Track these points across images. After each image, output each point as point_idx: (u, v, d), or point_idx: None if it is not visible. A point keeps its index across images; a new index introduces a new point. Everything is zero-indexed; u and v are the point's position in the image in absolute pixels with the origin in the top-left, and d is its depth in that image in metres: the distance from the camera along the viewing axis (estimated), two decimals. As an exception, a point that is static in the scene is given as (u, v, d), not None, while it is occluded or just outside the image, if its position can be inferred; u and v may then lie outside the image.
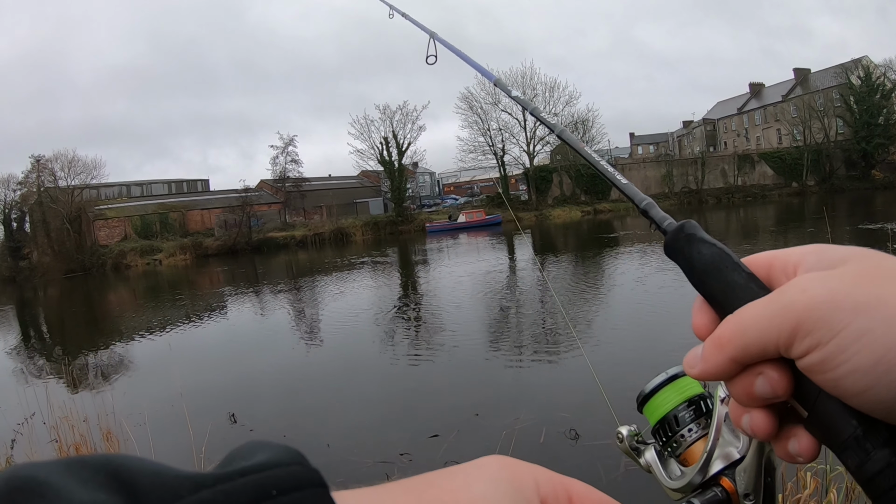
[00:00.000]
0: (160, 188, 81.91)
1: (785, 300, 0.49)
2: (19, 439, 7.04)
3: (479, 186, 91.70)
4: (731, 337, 0.51)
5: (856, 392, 0.46)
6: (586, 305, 17.13)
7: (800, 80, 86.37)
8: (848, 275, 0.48)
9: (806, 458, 0.53)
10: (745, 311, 0.51)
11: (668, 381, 0.74)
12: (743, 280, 0.55)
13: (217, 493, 0.32)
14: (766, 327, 0.49)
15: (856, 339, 0.45)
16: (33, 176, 65.96)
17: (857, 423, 0.47)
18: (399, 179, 70.41)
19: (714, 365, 0.52)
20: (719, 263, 0.56)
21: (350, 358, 13.72)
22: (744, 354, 0.50)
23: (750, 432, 0.54)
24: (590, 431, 7.65)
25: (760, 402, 0.52)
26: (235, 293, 30.73)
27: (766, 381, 0.50)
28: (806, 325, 0.47)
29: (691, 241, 0.59)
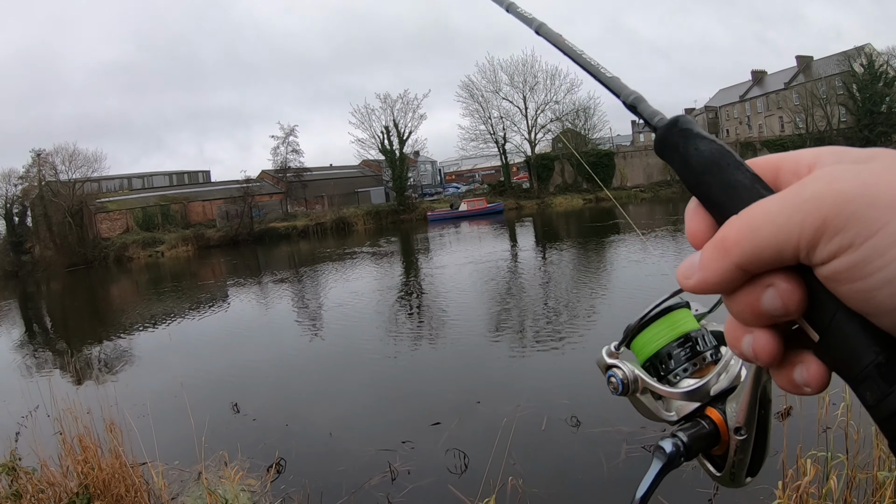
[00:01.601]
0: (161, 180, 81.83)
1: (808, 192, 0.41)
2: (24, 431, 7.07)
3: (480, 175, 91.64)
4: (738, 238, 0.43)
5: (891, 307, 0.39)
6: (588, 291, 17.13)
7: (802, 67, 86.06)
8: (879, 169, 0.40)
9: (814, 388, 0.46)
10: (756, 208, 0.44)
11: (659, 314, 0.67)
12: (748, 180, 0.48)
13: None
14: (783, 224, 0.41)
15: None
16: (34, 170, 65.93)
17: (880, 350, 0.41)
18: (400, 168, 70.37)
19: (715, 273, 0.45)
20: (720, 161, 0.49)
21: (351, 347, 13.75)
22: (754, 260, 0.43)
23: (751, 356, 0.47)
24: (591, 418, 7.68)
25: (767, 320, 0.45)
26: (237, 284, 30.76)
27: (777, 294, 0.43)
28: (836, 222, 0.39)
29: (687, 136, 0.52)
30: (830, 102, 75.10)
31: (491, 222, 54.63)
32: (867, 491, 4.22)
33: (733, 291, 0.45)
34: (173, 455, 7.45)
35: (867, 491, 4.22)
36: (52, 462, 6.23)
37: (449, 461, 7.02)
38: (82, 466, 6.09)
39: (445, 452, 7.22)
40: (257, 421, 9.27)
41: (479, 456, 6.80)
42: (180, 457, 7.43)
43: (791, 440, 4.53)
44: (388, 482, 6.73)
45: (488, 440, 6.59)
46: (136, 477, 6.23)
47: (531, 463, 6.66)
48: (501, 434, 6.27)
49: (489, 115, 73.52)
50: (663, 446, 0.60)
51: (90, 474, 6.01)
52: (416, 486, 6.57)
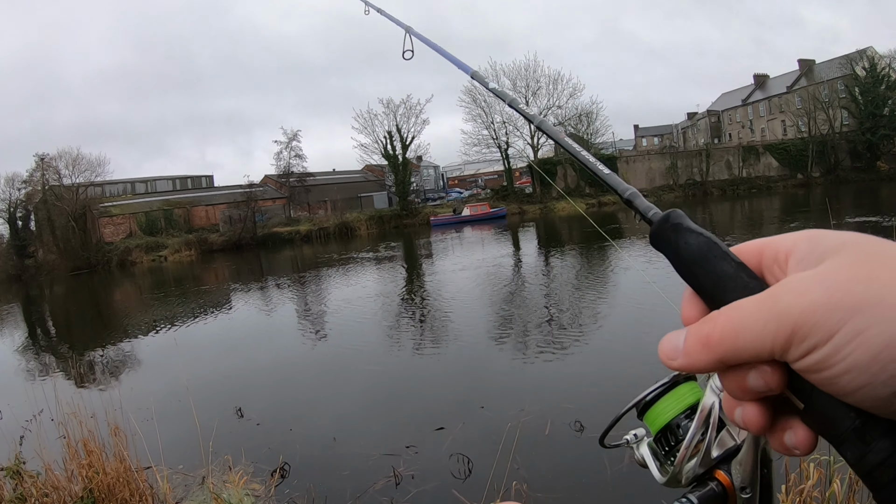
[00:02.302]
0: (164, 185, 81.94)
1: (781, 305, 0.46)
2: (28, 436, 7.08)
3: (483, 179, 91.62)
4: (721, 339, 0.49)
5: (851, 390, 0.45)
6: (591, 296, 17.13)
7: (804, 71, 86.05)
8: (843, 269, 0.46)
9: (802, 450, 0.51)
10: (736, 311, 0.49)
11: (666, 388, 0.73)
12: (732, 270, 0.53)
13: None
14: (759, 333, 0.47)
15: (852, 339, 0.43)
16: (38, 174, 66.06)
17: (856, 416, 0.46)
18: (403, 173, 70.38)
19: (699, 363, 0.50)
20: (707, 253, 0.54)
21: (355, 352, 13.75)
22: (734, 357, 0.48)
23: (742, 426, 0.52)
24: (595, 423, 7.68)
25: (753, 395, 0.50)
26: (241, 288, 30.80)
27: (759, 376, 0.49)
28: (802, 331, 0.45)
29: (678, 230, 0.57)
30: (833, 106, 75.10)
31: (494, 227, 54.63)
32: (870, 495, 4.20)
33: (722, 372, 0.51)
34: (178, 459, 7.47)
35: (870, 495, 4.20)
36: (56, 466, 6.24)
37: (453, 466, 7.02)
38: (87, 470, 6.10)
39: (449, 457, 7.23)
40: (261, 425, 9.28)
41: (482, 461, 6.81)
42: (185, 461, 7.44)
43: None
44: (392, 486, 6.74)
45: (492, 445, 6.60)
46: (140, 481, 6.24)
47: (535, 468, 6.67)
48: (505, 439, 6.27)
49: (492, 120, 73.52)
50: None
51: (95, 478, 6.02)
52: (420, 491, 6.58)
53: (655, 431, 0.73)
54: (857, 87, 73.04)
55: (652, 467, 0.74)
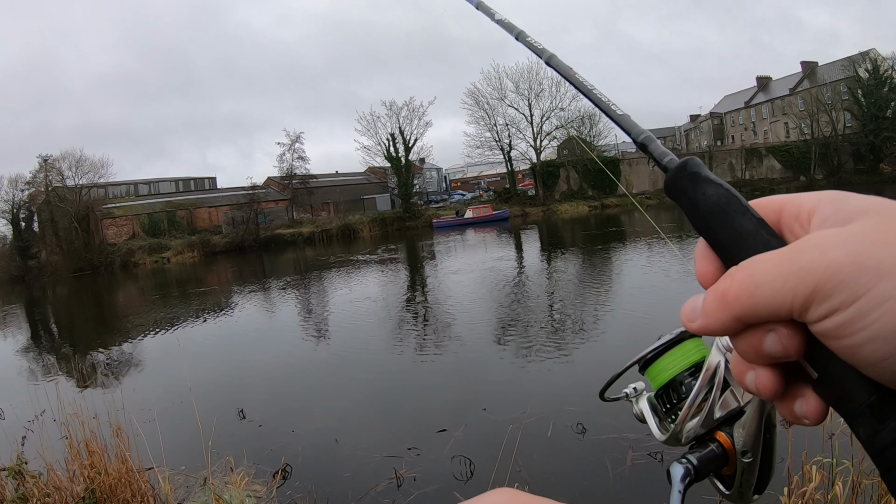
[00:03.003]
0: (167, 186, 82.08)
1: (802, 260, 0.45)
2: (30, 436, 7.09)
3: (486, 182, 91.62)
4: (737, 295, 0.47)
5: (873, 361, 0.43)
6: (593, 298, 17.12)
7: (807, 73, 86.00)
8: (870, 232, 0.44)
9: (812, 420, 0.50)
10: (755, 266, 0.47)
11: (671, 343, 0.71)
12: (752, 226, 0.51)
13: None
14: (779, 289, 0.45)
15: (879, 304, 0.41)
16: (41, 176, 66.19)
17: (873, 390, 0.44)
18: (406, 175, 70.37)
19: (716, 321, 0.49)
20: (726, 206, 0.52)
21: (357, 353, 13.76)
22: (751, 315, 0.47)
23: (754, 390, 0.51)
24: (597, 425, 7.68)
25: (769, 360, 0.49)
26: (243, 290, 30.82)
27: (777, 339, 0.47)
28: (825, 289, 0.43)
29: (695, 179, 0.54)
30: (836, 108, 74.99)
31: (496, 229, 54.62)
32: (872, 496, 4.21)
33: (737, 334, 0.49)
34: (179, 460, 7.47)
35: (872, 496, 4.21)
36: (58, 466, 6.25)
37: (455, 468, 7.02)
38: (89, 471, 6.11)
39: (451, 459, 7.23)
40: (263, 426, 9.29)
41: (484, 462, 6.81)
42: (186, 462, 7.44)
43: (796, 447, 4.53)
44: (394, 488, 6.74)
45: (494, 447, 6.59)
46: (142, 482, 6.25)
47: (537, 470, 6.66)
48: (507, 441, 6.27)
49: (494, 123, 73.61)
50: (674, 470, 0.64)
51: (96, 479, 6.03)
52: (421, 493, 6.58)
53: (657, 387, 0.72)
54: (859, 89, 72.91)
55: (651, 423, 0.73)
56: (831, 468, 4.25)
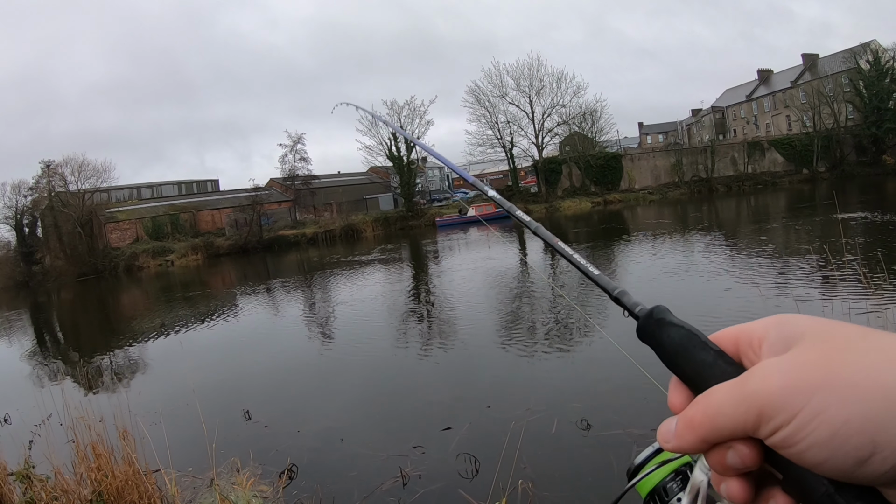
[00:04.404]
0: (170, 189, 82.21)
1: (748, 389, 0.52)
2: (37, 440, 7.13)
3: (488, 179, 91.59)
4: (701, 421, 0.54)
5: (817, 462, 0.49)
6: (597, 295, 17.10)
7: (808, 65, 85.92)
8: (802, 357, 0.52)
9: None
10: (713, 395, 0.55)
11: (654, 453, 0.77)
12: (711, 358, 0.58)
13: None
14: (732, 414, 0.52)
15: (812, 418, 0.48)
16: (44, 181, 66.23)
17: (828, 482, 0.50)
18: (408, 174, 70.37)
19: (686, 443, 0.55)
20: (688, 344, 0.60)
21: (361, 353, 13.78)
22: (714, 436, 0.54)
23: (729, 499, 0.56)
24: (601, 421, 7.69)
25: (734, 472, 0.55)
26: (247, 292, 30.83)
27: (736, 455, 0.53)
28: (768, 411, 0.50)
29: (661, 325, 0.62)
30: (837, 100, 74.83)
31: (499, 227, 54.56)
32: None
33: (706, 451, 0.56)
34: (186, 462, 7.50)
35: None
36: (65, 469, 6.27)
37: (460, 465, 7.04)
38: (96, 474, 6.13)
39: (456, 457, 7.24)
40: (269, 427, 9.30)
41: (489, 460, 6.82)
42: (193, 463, 7.47)
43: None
44: (400, 487, 6.75)
45: (498, 444, 6.61)
46: (149, 484, 6.27)
47: (541, 466, 6.67)
48: (511, 438, 6.29)
49: (496, 120, 73.61)
50: None
51: (104, 482, 6.06)
52: (427, 491, 6.59)
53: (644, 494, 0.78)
54: (861, 80, 72.76)
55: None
56: None
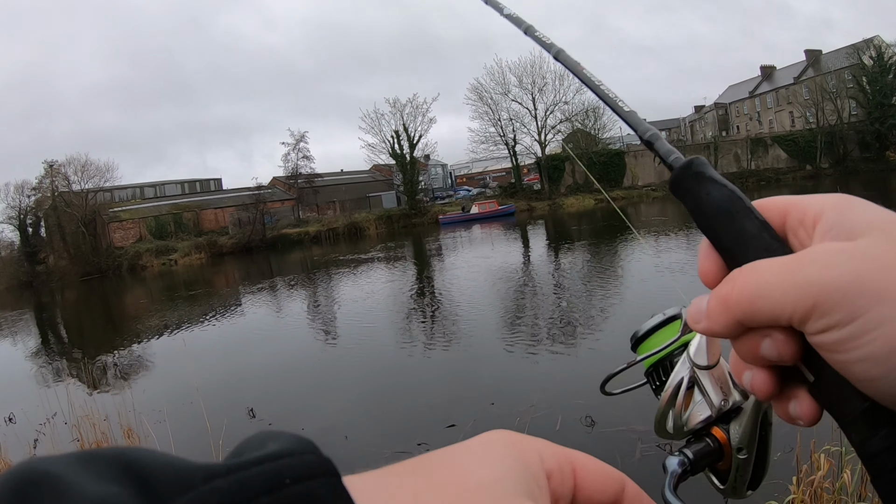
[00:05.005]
0: (173, 189, 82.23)
1: (804, 274, 0.45)
2: (42, 439, 7.14)
3: (491, 177, 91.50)
4: (738, 300, 0.47)
5: (865, 378, 0.44)
6: (601, 291, 17.11)
7: (811, 61, 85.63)
8: (873, 252, 0.44)
9: (806, 422, 0.50)
10: (757, 273, 0.47)
11: (665, 322, 0.72)
12: (755, 229, 0.50)
13: (231, 482, 0.31)
14: (779, 299, 0.45)
15: (874, 328, 0.42)
16: (47, 181, 66.36)
17: (865, 398, 0.45)
18: (411, 172, 70.24)
19: (719, 324, 0.49)
20: (730, 207, 0.52)
21: (366, 350, 13.79)
22: (751, 320, 0.47)
23: (750, 390, 0.52)
24: (605, 418, 7.69)
25: (765, 362, 0.49)
26: (251, 290, 30.88)
27: (773, 345, 0.48)
28: (824, 306, 0.43)
29: (700, 179, 0.54)
30: (840, 96, 74.51)
31: (502, 224, 54.54)
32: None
33: (737, 336, 0.49)
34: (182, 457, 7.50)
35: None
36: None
37: (464, 462, 7.02)
38: (101, 473, 6.13)
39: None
40: (273, 425, 9.29)
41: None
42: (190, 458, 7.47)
43: (805, 436, 4.54)
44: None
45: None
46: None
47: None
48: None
49: (499, 118, 73.43)
50: (670, 463, 0.65)
51: (109, 480, 6.06)
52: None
53: (648, 366, 0.73)
54: (864, 76, 72.52)
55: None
56: (840, 457, 4.25)
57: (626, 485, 0.50)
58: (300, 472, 0.32)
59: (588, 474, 0.48)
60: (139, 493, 0.29)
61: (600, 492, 0.48)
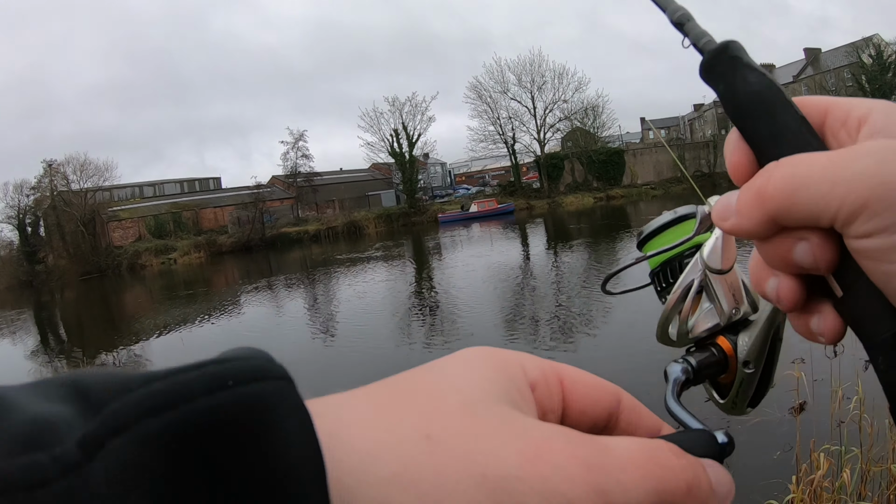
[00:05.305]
0: (172, 188, 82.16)
1: (857, 167, 0.39)
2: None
3: (490, 175, 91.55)
4: (775, 193, 0.42)
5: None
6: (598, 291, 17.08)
7: (810, 59, 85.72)
8: None
9: (828, 339, 0.46)
10: (800, 164, 0.42)
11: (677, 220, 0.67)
12: (795, 123, 0.46)
13: (168, 383, 0.29)
14: (825, 194, 0.40)
15: None
16: (46, 181, 66.33)
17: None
18: (410, 171, 70.31)
19: (750, 221, 0.44)
20: (768, 97, 0.47)
21: (364, 349, 13.78)
22: (788, 217, 0.42)
23: (774, 299, 0.47)
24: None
25: (795, 269, 0.45)
26: (250, 289, 30.88)
27: (808, 250, 0.42)
28: (877, 205, 0.38)
29: (736, 64, 0.49)
30: (840, 94, 73.97)
31: (502, 223, 54.55)
32: (881, 484, 4.21)
33: (766, 238, 0.45)
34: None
35: (881, 484, 4.21)
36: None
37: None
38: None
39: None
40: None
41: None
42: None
43: (804, 435, 4.53)
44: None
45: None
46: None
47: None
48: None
49: (498, 116, 73.43)
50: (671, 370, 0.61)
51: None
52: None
53: (654, 265, 0.69)
54: (863, 74, 72.59)
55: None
56: (839, 456, 4.25)
57: (621, 397, 0.47)
58: (246, 375, 0.31)
59: (578, 387, 0.45)
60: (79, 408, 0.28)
61: (593, 404, 0.45)
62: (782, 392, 5.20)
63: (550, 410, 0.43)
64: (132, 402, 0.28)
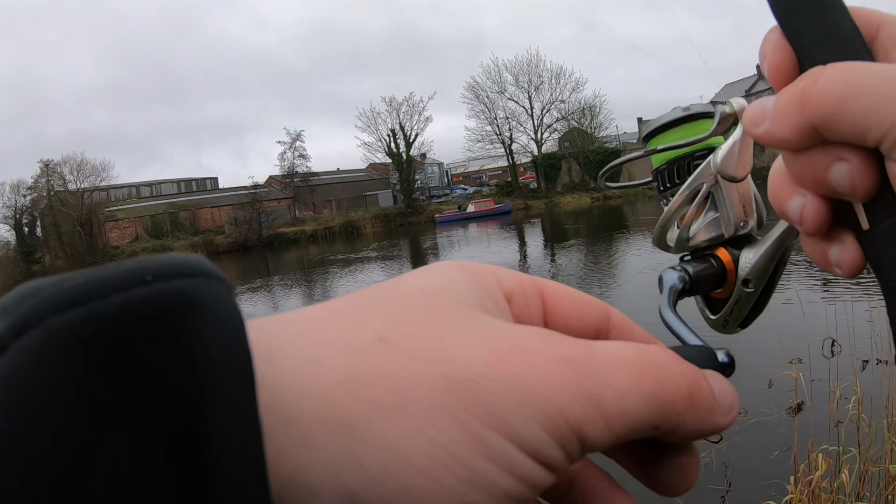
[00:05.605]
0: (169, 188, 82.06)
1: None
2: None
3: (487, 175, 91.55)
4: (822, 97, 0.36)
5: None
6: (598, 291, 17.11)
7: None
8: None
9: (845, 272, 0.42)
10: (853, 70, 0.36)
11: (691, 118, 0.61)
12: (848, 30, 0.40)
13: (81, 280, 0.27)
14: (879, 107, 0.34)
15: None
16: (42, 181, 66.29)
17: None
18: (407, 171, 70.29)
19: (788, 128, 0.38)
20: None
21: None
22: (831, 127, 0.36)
23: (795, 219, 0.42)
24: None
25: (826, 191, 0.39)
26: (248, 289, 30.84)
27: (848, 172, 0.37)
28: None
29: None
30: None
31: (499, 223, 54.52)
32: (879, 484, 4.21)
33: (800, 151, 0.39)
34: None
35: (879, 484, 4.21)
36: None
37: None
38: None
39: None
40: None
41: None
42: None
43: (802, 435, 4.52)
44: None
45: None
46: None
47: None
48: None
49: (495, 116, 73.43)
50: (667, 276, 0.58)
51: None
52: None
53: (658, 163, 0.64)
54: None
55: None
56: (838, 456, 4.24)
57: (610, 313, 0.45)
58: (168, 271, 0.28)
59: (562, 300, 0.42)
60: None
61: (578, 320, 0.42)
62: (780, 392, 5.20)
63: (529, 322, 0.40)
64: (41, 301, 0.26)
